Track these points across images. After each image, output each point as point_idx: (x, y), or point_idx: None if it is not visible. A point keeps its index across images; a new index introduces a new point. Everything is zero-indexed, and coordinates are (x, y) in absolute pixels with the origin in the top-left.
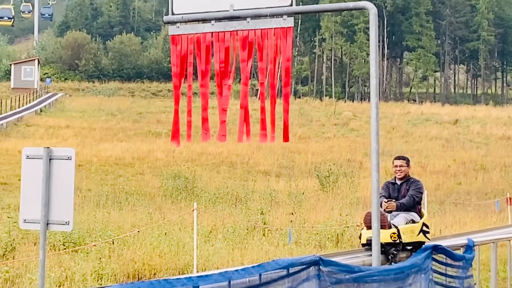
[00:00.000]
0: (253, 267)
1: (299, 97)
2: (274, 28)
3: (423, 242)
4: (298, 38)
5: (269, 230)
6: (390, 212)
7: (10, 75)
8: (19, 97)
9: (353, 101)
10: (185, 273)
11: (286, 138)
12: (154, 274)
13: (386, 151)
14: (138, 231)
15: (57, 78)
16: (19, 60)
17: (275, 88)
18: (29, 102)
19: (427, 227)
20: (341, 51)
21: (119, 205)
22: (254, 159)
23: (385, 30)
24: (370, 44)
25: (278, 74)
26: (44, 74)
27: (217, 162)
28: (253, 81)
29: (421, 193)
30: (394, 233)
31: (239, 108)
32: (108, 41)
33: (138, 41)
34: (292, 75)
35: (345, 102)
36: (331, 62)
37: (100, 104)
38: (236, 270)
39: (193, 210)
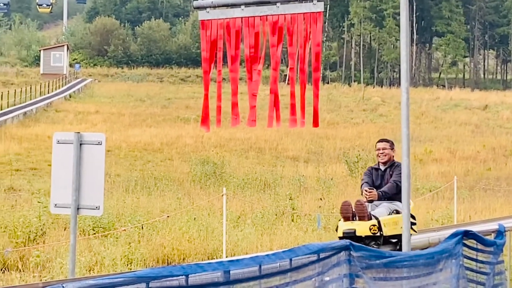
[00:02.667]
0: (283, 252)
1: (328, 83)
2: (304, 13)
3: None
4: (326, 23)
5: (297, 215)
6: (371, 201)
7: (39, 61)
8: (49, 83)
9: (381, 86)
10: (214, 258)
11: (316, 123)
12: (183, 259)
13: (415, 137)
14: (168, 216)
15: (86, 64)
16: (49, 46)
17: (305, 73)
18: (59, 88)
19: (414, 218)
20: (370, 37)
21: (148, 191)
22: (283, 145)
23: (414, 15)
24: (401, 28)
25: (308, 59)
26: (73, 60)
27: (246, 148)
28: (281, 66)
29: None
30: (374, 225)
31: (267, 94)
32: (137, 26)
33: (166, 26)
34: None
35: (373, 87)
36: (359, 47)
37: (129, 90)
38: (267, 255)
39: (222, 195)
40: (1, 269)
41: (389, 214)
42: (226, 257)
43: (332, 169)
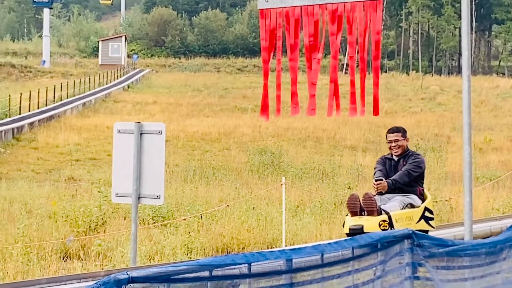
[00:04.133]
0: (345, 240)
1: (386, 72)
2: (364, 1)
3: (426, 231)
4: (384, 12)
5: None
6: (381, 194)
7: (98, 52)
8: (107, 74)
9: (440, 75)
10: (273, 248)
11: (376, 112)
12: (242, 248)
13: (475, 126)
14: (227, 206)
15: (144, 54)
16: (107, 37)
17: (365, 61)
18: (117, 79)
19: (431, 212)
20: (428, 25)
21: (206, 180)
22: (341, 134)
23: (474, 2)
24: (462, 16)
25: (368, 47)
26: (131, 51)
27: (303, 137)
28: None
29: (421, 168)
30: (384, 220)
31: (324, 83)
32: (194, 17)
33: (223, 16)
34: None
35: (432, 76)
36: (417, 35)
37: (186, 80)
38: (329, 243)
39: (282, 184)
40: (63, 258)
41: (402, 209)
42: (286, 246)
43: None
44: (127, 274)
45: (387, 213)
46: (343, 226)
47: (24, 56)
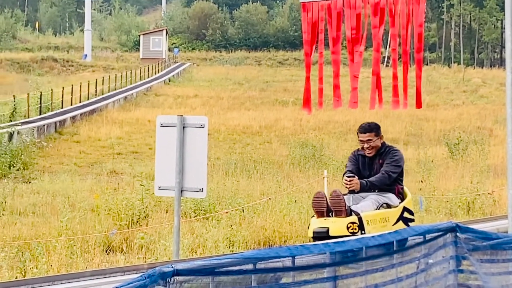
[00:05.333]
0: (389, 233)
1: (427, 64)
2: None
3: None
4: (425, 4)
5: None
6: (353, 192)
7: (139, 45)
8: (148, 67)
9: (482, 67)
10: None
11: (419, 105)
12: (284, 241)
13: None
14: (269, 199)
15: (185, 48)
16: (148, 30)
17: (407, 54)
18: (158, 72)
19: (411, 213)
20: (470, 17)
21: (247, 173)
22: (382, 127)
23: None
24: (506, 8)
25: (410, 40)
26: (172, 44)
27: (344, 130)
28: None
29: (400, 166)
30: (353, 222)
31: (365, 76)
32: (235, 10)
33: (264, 10)
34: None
35: (474, 68)
36: (459, 28)
37: (227, 73)
38: (372, 236)
39: (324, 177)
40: (106, 251)
41: (377, 209)
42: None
43: (432, 151)
44: (172, 267)
45: (357, 214)
46: (308, 228)
47: (66, 50)
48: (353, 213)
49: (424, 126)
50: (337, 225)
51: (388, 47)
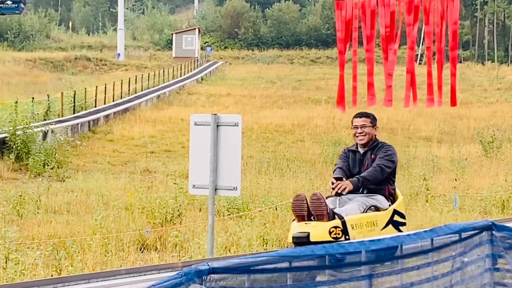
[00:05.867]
0: (425, 231)
1: (460, 62)
2: None
3: None
4: (460, 2)
5: (432, 196)
6: (339, 194)
7: (171, 44)
8: (181, 66)
9: None
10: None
11: (453, 102)
12: None
13: None
14: (276, 207)
15: (217, 46)
16: (180, 29)
17: (442, 52)
18: (190, 71)
19: (402, 216)
20: (504, 14)
21: (280, 172)
22: (415, 125)
23: None
24: None
25: (445, 38)
26: (205, 43)
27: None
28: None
29: (393, 161)
30: (336, 226)
31: (398, 74)
32: (267, 9)
33: (296, 8)
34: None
35: (508, 66)
36: (493, 25)
37: (259, 72)
38: (408, 235)
39: None
40: (141, 249)
41: (364, 212)
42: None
43: (466, 149)
44: (208, 265)
45: (341, 217)
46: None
47: (99, 49)
48: (336, 216)
49: (458, 124)
50: (318, 230)
51: (421, 45)
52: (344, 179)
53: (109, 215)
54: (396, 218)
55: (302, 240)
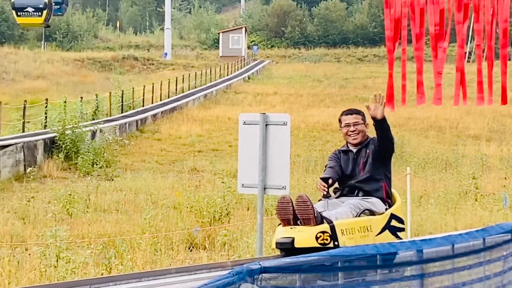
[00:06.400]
0: (476, 231)
1: (510, 60)
2: None
3: None
4: None
5: (481, 195)
6: (327, 197)
7: (218, 43)
8: (227, 65)
9: None
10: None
11: (504, 101)
12: None
13: None
14: None
15: (264, 45)
16: (227, 28)
17: (492, 50)
18: (237, 70)
19: (400, 221)
20: None
21: None
22: (464, 123)
23: None
24: None
25: (495, 36)
26: (251, 42)
27: (425, 127)
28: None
29: (393, 144)
30: (323, 232)
31: (446, 72)
32: (314, 7)
33: (343, 6)
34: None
35: None
36: None
37: (306, 71)
38: (460, 234)
39: (406, 174)
40: (189, 248)
41: (357, 216)
42: (411, 237)
43: None
44: (260, 264)
45: (329, 221)
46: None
47: (147, 49)
48: (324, 220)
49: (507, 122)
50: (304, 235)
51: (469, 42)
52: (331, 180)
53: (158, 214)
54: (394, 223)
55: (286, 246)
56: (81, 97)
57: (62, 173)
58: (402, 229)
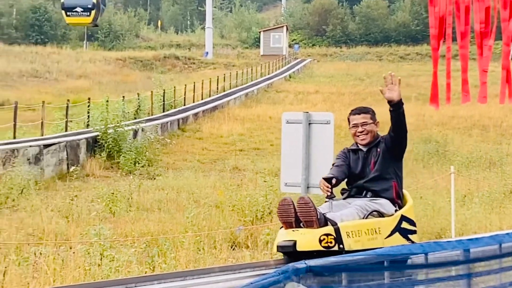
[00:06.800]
0: None
1: None
2: None
3: None
4: None
5: None
6: (331, 198)
7: (259, 42)
8: (269, 64)
9: None
10: (442, 237)
11: None
12: None
13: None
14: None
15: (305, 44)
16: (268, 27)
17: None
18: (278, 69)
19: (412, 223)
20: None
21: None
22: (508, 122)
23: None
24: None
25: None
26: (292, 41)
27: (469, 126)
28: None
29: (406, 140)
30: (328, 234)
31: (491, 70)
32: (355, 5)
33: (385, 4)
34: None
35: None
36: None
37: (347, 69)
38: (507, 234)
39: (450, 173)
40: (232, 247)
41: (364, 218)
42: (455, 236)
43: None
44: (305, 263)
45: (334, 223)
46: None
47: (188, 48)
48: (329, 222)
49: None
50: (306, 238)
51: None
52: (334, 180)
53: (200, 213)
54: (404, 225)
55: (287, 250)
56: (123, 96)
57: (104, 172)
58: (414, 232)
